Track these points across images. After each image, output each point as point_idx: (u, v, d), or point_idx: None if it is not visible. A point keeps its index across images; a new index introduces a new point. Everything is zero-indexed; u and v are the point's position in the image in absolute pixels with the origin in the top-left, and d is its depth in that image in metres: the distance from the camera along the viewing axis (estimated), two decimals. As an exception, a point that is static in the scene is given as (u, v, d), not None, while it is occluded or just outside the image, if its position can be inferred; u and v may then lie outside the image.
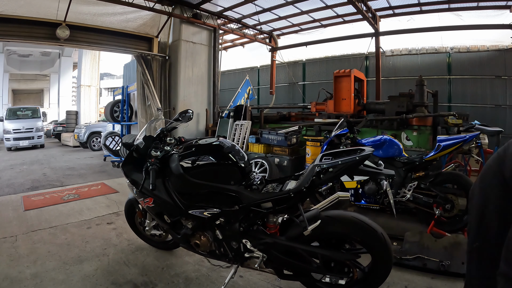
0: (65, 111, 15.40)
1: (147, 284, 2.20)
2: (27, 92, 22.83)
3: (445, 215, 3.14)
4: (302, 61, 10.38)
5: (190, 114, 2.41)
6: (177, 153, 2.10)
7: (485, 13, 6.74)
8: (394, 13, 7.57)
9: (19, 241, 2.89)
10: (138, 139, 2.34)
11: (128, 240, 2.92)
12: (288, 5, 7.41)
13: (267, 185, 1.96)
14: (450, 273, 2.30)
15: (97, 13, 6.22)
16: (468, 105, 7.33)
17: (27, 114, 11.71)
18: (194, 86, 7.57)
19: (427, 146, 4.60)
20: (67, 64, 18.42)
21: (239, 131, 6.12)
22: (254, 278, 2.27)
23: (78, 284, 2.17)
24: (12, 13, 5.49)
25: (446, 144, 3.10)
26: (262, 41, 9.70)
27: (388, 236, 1.69)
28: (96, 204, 4.09)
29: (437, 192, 3.14)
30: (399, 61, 8.52)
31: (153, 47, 7.22)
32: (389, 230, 2.07)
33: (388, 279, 1.79)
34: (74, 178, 5.90)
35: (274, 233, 1.82)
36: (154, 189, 1.93)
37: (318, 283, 1.82)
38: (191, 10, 7.24)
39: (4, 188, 4.99)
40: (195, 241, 2.01)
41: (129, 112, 8.20)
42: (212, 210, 1.87)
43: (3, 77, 16.46)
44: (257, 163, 5.01)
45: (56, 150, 10.75)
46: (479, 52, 7.42)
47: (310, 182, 1.65)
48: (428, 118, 4.80)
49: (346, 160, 1.62)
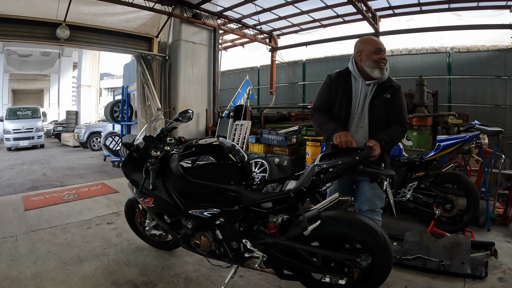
0: (65, 111, 15.40)
1: (147, 284, 2.20)
2: (27, 92, 22.84)
3: (445, 215, 3.14)
4: (302, 61, 10.37)
5: (190, 114, 2.41)
6: (177, 153, 2.10)
7: (485, 13, 6.73)
8: (394, 13, 7.57)
9: (19, 241, 2.90)
10: (138, 139, 2.34)
11: (128, 240, 2.93)
12: (288, 5, 7.40)
13: (267, 185, 1.96)
14: (450, 273, 2.30)
15: (97, 13, 6.22)
16: (468, 105, 7.32)
17: (27, 114, 11.71)
18: (194, 86, 7.57)
19: (427, 146, 4.60)
20: (67, 64, 18.41)
21: (239, 131, 6.11)
22: (254, 278, 2.27)
23: (78, 284, 2.17)
24: (12, 13, 5.48)
25: (446, 144, 3.10)
26: (262, 41, 9.70)
27: (388, 236, 1.69)
28: (96, 204, 4.09)
29: (437, 192, 3.14)
30: (399, 61, 8.52)
31: (153, 47, 7.22)
32: (389, 230, 2.07)
33: (388, 279, 1.79)
34: (74, 178, 5.90)
35: (274, 233, 1.82)
36: (154, 189, 1.93)
37: (318, 283, 1.82)
38: (191, 10, 7.24)
39: (4, 188, 4.99)
40: (195, 241, 2.01)
41: (129, 112, 8.20)
42: (212, 210, 1.87)
43: (3, 77, 16.45)
44: (257, 163, 5.01)
45: (56, 150, 10.75)
46: (479, 52, 7.41)
47: (310, 182, 1.65)
48: (428, 118, 4.80)
49: (346, 160, 1.62)
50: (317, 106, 2.07)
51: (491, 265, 2.43)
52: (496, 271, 2.38)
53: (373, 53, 1.90)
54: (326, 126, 1.94)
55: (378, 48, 1.91)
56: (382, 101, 1.94)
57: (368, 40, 1.97)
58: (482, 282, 2.23)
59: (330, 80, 2.03)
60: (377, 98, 1.94)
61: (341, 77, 2.02)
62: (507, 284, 2.22)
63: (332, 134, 1.86)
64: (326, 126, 1.94)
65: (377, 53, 1.90)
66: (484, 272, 2.31)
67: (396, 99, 1.96)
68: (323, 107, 2.04)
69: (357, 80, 1.98)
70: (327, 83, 2.04)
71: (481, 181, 3.47)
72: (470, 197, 3.06)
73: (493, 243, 2.68)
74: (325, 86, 2.05)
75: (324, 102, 2.03)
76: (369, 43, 1.95)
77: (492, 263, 2.47)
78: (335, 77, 2.03)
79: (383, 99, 1.94)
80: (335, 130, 1.86)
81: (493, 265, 2.45)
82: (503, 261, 2.53)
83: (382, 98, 1.94)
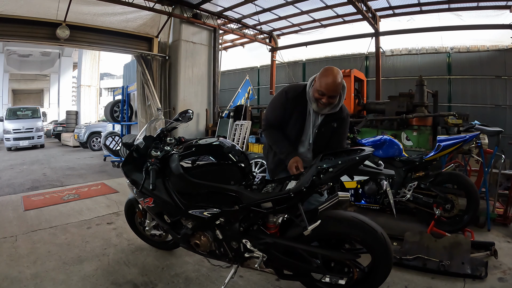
0: (65, 111, 15.40)
1: (147, 284, 2.20)
2: (27, 92, 22.84)
3: (445, 215, 3.14)
4: (302, 61, 10.37)
5: (190, 114, 2.41)
6: (177, 153, 2.10)
7: (485, 13, 6.74)
8: (394, 13, 7.57)
9: (19, 241, 2.89)
10: (138, 139, 2.34)
11: (128, 240, 2.92)
12: (288, 5, 7.41)
13: (267, 185, 1.96)
14: (450, 273, 2.30)
15: (97, 13, 6.23)
16: (468, 105, 7.32)
17: (27, 114, 11.70)
18: (194, 86, 7.58)
19: (427, 146, 4.60)
20: (67, 64, 18.42)
21: (239, 131, 6.11)
22: (254, 278, 2.27)
23: (78, 284, 2.17)
24: (12, 13, 5.49)
25: (446, 144, 3.10)
26: (262, 41, 9.70)
27: (388, 236, 1.68)
28: (96, 204, 4.09)
29: (437, 192, 3.14)
30: (399, 61, 8.52)
31: (153, 47, 7.23)
32: (389, 230, 2.07)
33: (388, 279, 1.79)
34: (74, 178, 5.89)
35: (274, 233, 1.82)
36: (154, 189, 1.93)
37: (318, 283, 1.82)
38: (191, 10, 7.25)
39: (4, 188, 4.99)
40: (195, 241, 2.01)
41: (129, 112, 8.20)
42: (212, 210, 1.86)
43: (3, 77, 16.46)
44: (257, 163, 5.01)
45: (56, 150, 10.75)
46: (479, 52, 7.41)
47: (310, 182, 1.65)
48: (428, 118, 4.80)
49: (346, 160, 1.62)
50: (271, 123, 2.11)
51: (491, 265, 2.43)
52: (496, 271, 2.38)
53: (317, 91, 1.89)
54: (280, 145, 2.04)
55: (322, 91, 1.85)
56: (329, 129, 2.03)
57: (323, 77, 1.86)
58: (482, 282, 2.23)
59: (287, 100, 2.03)
60: (325, 126, 2.03)
61: (297, 98, 2.01)
62: (507, 284, 2.22)
63: (287, 158, 1.97)
64: (280, 145, 2.04)
65: (319, 93, 1.87)
66: (484, 272, 2.31)
67: (341, 127, 2.07)
68: (275, 125, 2.10)
69: (311, 104, 2.00)
70: (283, 103, 2.04)
71: (481, 181, 3.47)
72: (470, 197, 3.06)
73: (493, 243, 2.67)
74: (281, 105, 2.05)
75: (276, 120, 2.08)
76: (321, 80, 1.86)
77: (492, 263, 2.47)
78: (292, 99, 2.01)
79: (330, 127, 2.03)
80: (289, 154, 1.97)
81: (493, 265, 2.45)
82: (503, 261, 2.53)
83: (329, 126, 2.03)
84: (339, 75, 1.86)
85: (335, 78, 1.84)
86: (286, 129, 2.07)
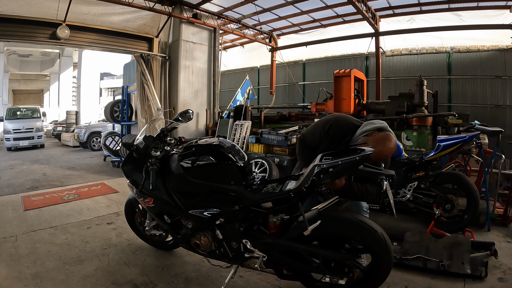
0: (65, 111, 15.41)
1: (147, 284, 2.20)
2: (27, 92, 22.86)
3: (445, 215, 3.14)
4: (302, 61, 10.37)
5: (190, 114, 2.41)
6: (177, 153, 2.10)
7: (485, 13, 6.74)
8: (394, 13, 7.57)
9: (19, 241, 2.89)
10: (138, 139, 2.34)
11: (128, 240, 2.92)
12: (288, 5, 7.41)
13: (267, 185, 1.96)
14: (450, 273, 2.30)
15: (97, 13, 6.22)
16: (468, 105, 7.33)
17: (27, 114, 11.71)
18: (194, 86, 7.57)
19: (427, 146, 4.60)
20: (67, 64, 18.45)
21: (239, 131, 6.11)
22: (254, 278, 2.27)
23: (78, 284, 2.17)
24: (12, 13, 5.48)
25: (446, 144, 3.10)
26: (262, 41, 9.70)
27: (388, 236, 1.69)
28: (96, 204, 4.09)
29: (437, 192, 3.14)
30: (399, 61, 8.51)
31: (153, 47, 7.22)
32: (389, 230, 2.07)
33: (388, 279, 1.79)
34: (74, 178, 5.89)
35: (274, 233, 1.82)
36: (154, 189, 1.93)
37: (318, 283, 1.82)
38: (191, 10, 7.24)
39: (4, 188, 4.99)
40: (195, 241, 2.01)
41: (129, 112, 8.19)
42: (212, 210, 1.87)
43: (3, 77, 16.48)
44: (257, 163, 5.01)
45: (56, 150, 10.75)
46: (479, 52, 7.40)
47: (310, 182, 1.65)
48: (428, 118, 4.80)
49: (346, 160, 1.62)
50: (305, 140, 2.21)
51: (491, 265, 2.43)
52: (496, 271, 2.38)
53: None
54: (300, 157, 2.24)
55: (372, 158, 1.70)
56: None
57: (380, 145, 1.77)
58: (482, 282, 2.23)
59: (326, 136, 2.05)
60: None
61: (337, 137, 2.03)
62: (507, 284, 2.22)
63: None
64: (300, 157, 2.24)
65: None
66: (484, 272, 2.31)
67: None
68: (307, 144, 2.19)
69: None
70: (321, 136, 2.07)
71: (481, 181, 3.47)
72: (470, 197, 3.06)
73: (493, 243, 2.67)
74: (319, 138, 2.08)
75: (311, 142, 2.16)
76: (379, 147, 1.75)
77: (492, 263, 2.47)
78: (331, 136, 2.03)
79: None
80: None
81: (493, 265, 2.45)
82: (503, 261, 2.52)
83: None
84: (394, 146, 1.83)
85: (391, 151, 1.82)
86: (317, 149, 2.06)
